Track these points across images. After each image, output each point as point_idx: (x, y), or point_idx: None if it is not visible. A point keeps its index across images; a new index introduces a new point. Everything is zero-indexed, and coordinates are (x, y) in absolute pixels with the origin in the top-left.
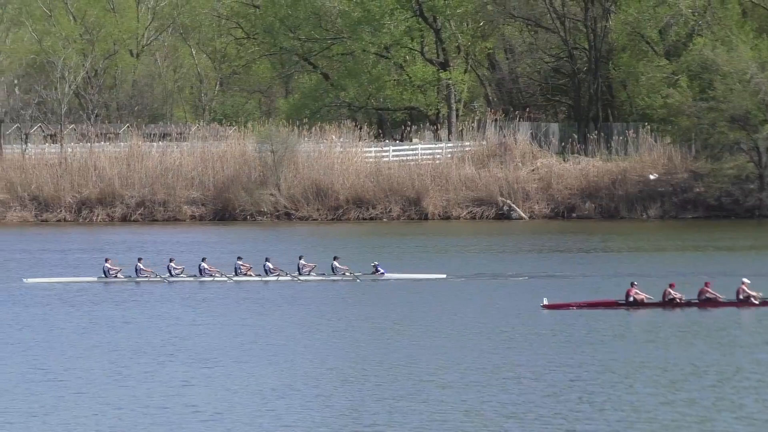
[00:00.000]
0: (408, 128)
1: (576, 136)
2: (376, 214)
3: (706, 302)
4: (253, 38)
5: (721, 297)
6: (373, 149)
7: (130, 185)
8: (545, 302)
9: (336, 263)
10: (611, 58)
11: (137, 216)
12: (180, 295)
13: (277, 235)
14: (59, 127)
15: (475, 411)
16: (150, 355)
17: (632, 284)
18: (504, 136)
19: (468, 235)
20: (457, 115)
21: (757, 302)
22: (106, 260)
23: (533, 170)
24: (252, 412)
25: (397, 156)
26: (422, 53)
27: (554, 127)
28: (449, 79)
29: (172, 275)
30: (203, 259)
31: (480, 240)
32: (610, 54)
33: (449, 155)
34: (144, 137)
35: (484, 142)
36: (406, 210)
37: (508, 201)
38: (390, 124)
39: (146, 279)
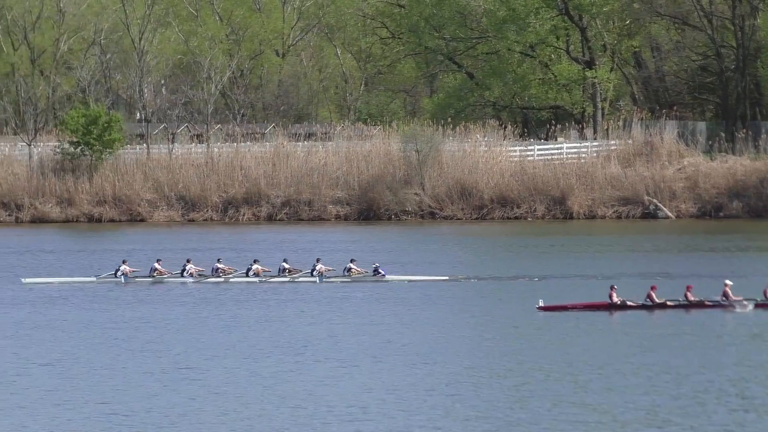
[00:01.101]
0: (553, 127)
1: (723, 135)
2: (521, 214)
3: (693, 304)
4: (398, 38)
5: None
6: (517, 148)
7: (276, 185)
8: (541, 304)
9: (352, 265)
10: (759, 56)
11: (283, 215)
12: (289, 294)
13: (418, 235)
14: (205, 127)
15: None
16: (283, 353)
17: (612, 287)
18: (650, 135)
19: (611, 235)
20: (602, 114)
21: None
22: (123, 262)
23: (680, 169)
24: (387, 412)
25: (542, 155)
26: (568, 52)
27: (701, 125)
28: (595, 77)
29: (184, 276)
30: (218, 260)
31: (623, 240)
32: (759, 52)
33: (595, 154)
34: (289, 137)
35: (630, 141)
36: (550, 209)
37: (655, 200)
38: (535, 123)
39: (157, 279)
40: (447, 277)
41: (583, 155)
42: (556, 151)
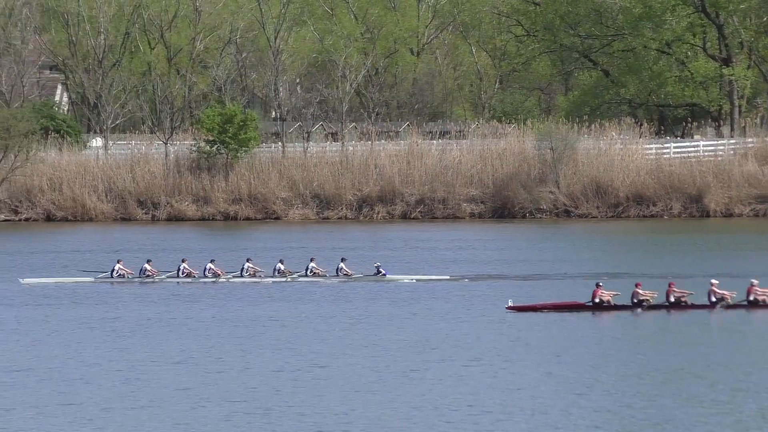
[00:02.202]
0: (689, 125)
1: None
2: (657, 212)
3: (675, 304)
4: (533, 35)
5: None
6: (653, 146)
7: (410, 183)
8: (510, 304)
9: (342, 265)
10: None
11: (417, 214)
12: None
13: (553, 233)
14: (340, 125)
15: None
16: (411, 352)
17: (597, 285)
18: None
19: (747, 233)
20: (739, 112)
21: (730, 302)
22: (118, 261)
23: None
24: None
25: (678, 153)
26: (704, 49)
27: None
28: (732, 75)
29: (178, 276)
30: (211, 261)
31: (760, 238)
32: None
33: (731, 152)
34: (424, 135)
35: None
36: (687, 207)
37: None
38: (671, 121)
39: (152, 280)
40: (449, 277)
41: (720, 153)
42: (692, 149)
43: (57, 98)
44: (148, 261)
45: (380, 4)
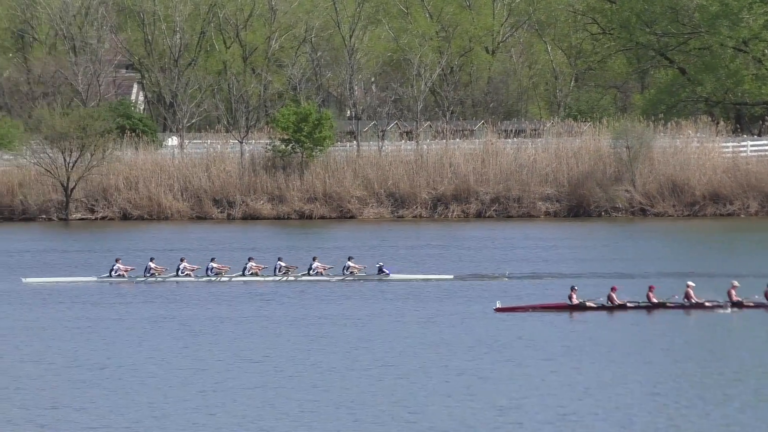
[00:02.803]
0: (766, 122)
1: None
2: (734, 210)
3: (654, 305)
4: (609, 33)
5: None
6: (730, 144)
7: (485, 181)
8: (498, 305)
9: (350, 263)
10: None
11: (491, 212)
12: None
13: (627, 232)
14: (415, 124)
15: None
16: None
17: (572, 288)
18: None
19: None
20: None
21: (709, 304)
22: (117, 260)
23: None
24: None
25: (755, 150)
26: None
27: None
28: None
29: (178, 275)
30: (212, 259)
31: None
32: None
33: None
34: (498, 134)
35: None
36: (764, 206)
37: None
38: (748, 119)
39: (154, 279)
40: (452, 276)
41: None
42: None
43: (133, 97)
44: (152, 259)
45: (455, 3)
